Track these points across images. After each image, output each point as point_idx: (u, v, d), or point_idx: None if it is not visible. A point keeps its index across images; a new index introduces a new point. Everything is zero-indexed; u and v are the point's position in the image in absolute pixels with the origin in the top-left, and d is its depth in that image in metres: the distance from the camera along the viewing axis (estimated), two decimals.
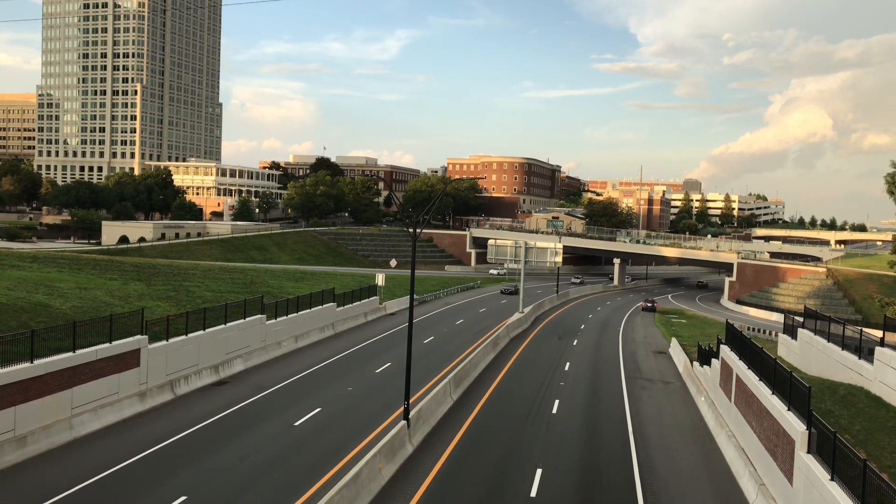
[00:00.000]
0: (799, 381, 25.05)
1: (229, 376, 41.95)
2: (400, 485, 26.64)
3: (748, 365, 32.87)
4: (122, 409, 33.07)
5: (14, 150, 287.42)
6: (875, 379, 31.51)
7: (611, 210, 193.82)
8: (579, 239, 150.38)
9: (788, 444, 24.46)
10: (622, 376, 49.65)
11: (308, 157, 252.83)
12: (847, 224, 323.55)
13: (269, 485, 26.01)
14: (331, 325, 59.62)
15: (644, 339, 70.18)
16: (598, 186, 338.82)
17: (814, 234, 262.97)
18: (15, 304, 39.31)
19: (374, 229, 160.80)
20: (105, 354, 32.78)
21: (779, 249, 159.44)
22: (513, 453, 31.08)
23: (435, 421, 34.74)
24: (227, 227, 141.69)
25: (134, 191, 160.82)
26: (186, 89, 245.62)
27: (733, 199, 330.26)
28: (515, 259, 78.97)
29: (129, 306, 44.81)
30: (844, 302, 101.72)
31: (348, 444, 30.75)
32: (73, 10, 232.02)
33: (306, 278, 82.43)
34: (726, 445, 33.07)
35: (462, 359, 50.15)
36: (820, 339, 39.16)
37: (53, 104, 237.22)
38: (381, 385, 42.04)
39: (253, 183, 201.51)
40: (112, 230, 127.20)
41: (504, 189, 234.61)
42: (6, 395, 27.20)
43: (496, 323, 70.46)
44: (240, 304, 47.10)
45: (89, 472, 26.00)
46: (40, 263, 57.75)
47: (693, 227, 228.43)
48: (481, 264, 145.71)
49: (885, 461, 23.76)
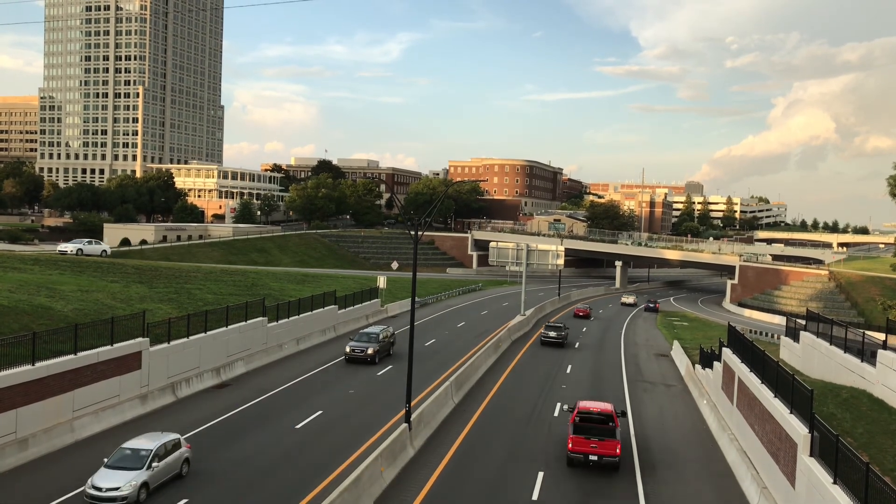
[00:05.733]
0: (801, 383, 24.99)
1: (231, 379, 41.92)
2: (401, 488, 26.59)
3: (750, 368, 32.80)
4: (124, 411, 33.04)
5: (16, 152, 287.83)
6: (878, 382, 31.44)
7: (612, 213, 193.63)
8: (581, 241, 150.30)
9: (791, 448, 24.39)
10: (624, 379, 49.56)
11: (310, 159, 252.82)
12: (849, 227, 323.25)
13: (270, 487, 25.98)
14: (332, 328, 59.58)
15: (646, 341, 70.08)
16: (599, 189, 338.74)
17: (816, 237, 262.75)
18: (16, 307, 39.31)
19: (375, 232, 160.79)
20: (106, 357, 32.77)
21: (781, 252, 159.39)
22: (514, 456, 31.01)
23: (436, 424, 34.69)
24: (229, 230, 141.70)
25: (135, 193, 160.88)
26: (188, 92, 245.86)
27: (735, 201, 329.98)
28: (517, 262, 78.94)
29: (131, 309, 44.81)
30: (847, 305, 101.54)
31: (350, 447, 30.70)
32: (76, 13, 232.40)
33: (308, 281, 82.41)
34: (728, 448, 32.99)
35: (463, 362, 50.10)
36: (822, 342, 39.10)
37: (55, 106, 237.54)
38: (382, 388, 41.98)
39: (254, 185, 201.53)
40: (114, 233, 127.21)
41: (506, 192, 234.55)
42: (8, 397, 27.20)
43: (498, 326, 70.38)
44: (241, 306, 47.08)
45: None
46: (42, 266, 57.76)
47: (695, 230, 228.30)
48: (483, 267, 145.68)
49: (887, 464, 23.69)
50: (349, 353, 48.07)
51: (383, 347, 49.82)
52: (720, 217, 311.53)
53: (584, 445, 29.84)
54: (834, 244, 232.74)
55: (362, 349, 48.24)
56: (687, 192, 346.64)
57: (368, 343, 48.83)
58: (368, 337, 49.58)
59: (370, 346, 48.53)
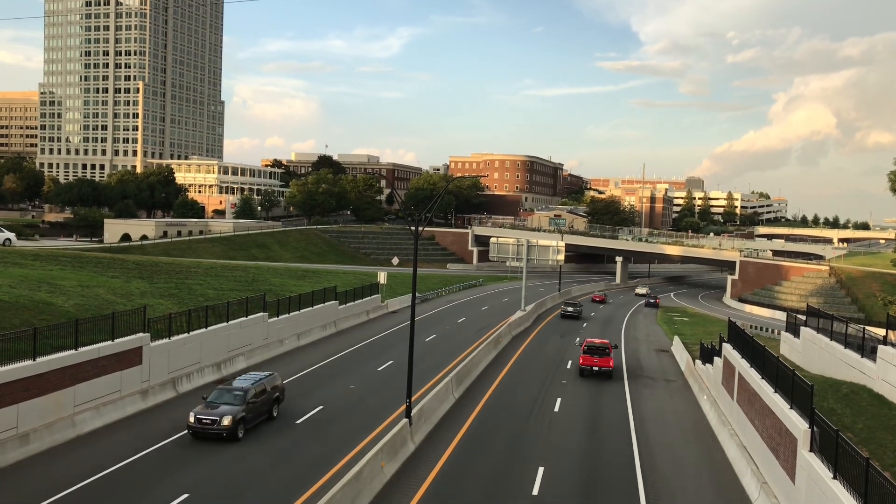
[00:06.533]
0: (801, 379, 25.00)
1: (231, 374, 41.96)
2: (402, 483, 26.64)
3: (750, 363, 32.82)
4: (125, 406, 33.09)
5: (16, 147, 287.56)
6: (878, 377, 31.46)
7: (613, 208, 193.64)
8: (581, 237, 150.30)
9: (791, 443, 24.42)
10: (624, 374, 49.60)
11: (310, 154, 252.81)
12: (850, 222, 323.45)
13: (271, 482, 26.04)
14: (333, 323, 59.64)
15: (646, 336, 70.11)
16: (600, 184, 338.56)
17: (816, 233, 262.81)
18: (17, 302, 39.35)
19: (376, 227, 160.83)
20: (107, 352, 32.82)
21: (781, 247, 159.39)
22: (515, 452, 31.06)
23: (437, 419, 34.74)
24: (230, 225, 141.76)
25: (136, 189, 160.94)
26: (188, 87, 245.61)
27: (736, 196, 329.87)
28: (517, 257, 78.92)
29: (132, 304, 44.84)
30: (847, 300, 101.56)
31: (350, 442, 30.76)
32: (75, 8, 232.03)
33: (308, 276, 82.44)
34: (728, 443, 33.03)
35: (464, 357, 50.13)
36: (822, 338, 39.10)
37: (55, 102, 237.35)
38: (382, 383, 42.04)
39: (255, 181, 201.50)
40: (114, 228, 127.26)
41: (506, 187, 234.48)
42: (9, 392, 27.24)
43: (498, 321, 70.41)
44: (242, 301, 47.12)
45: (92, 470, 26.03)
46: (42, 261, 57.78)
47: (695, 226, 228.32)
48: (483, 262, 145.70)
49: (887, 459, 23.71)
50: (192, 426, 29.80)
51: (254, 410, 31.54)
52: (721, 212, 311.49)
53: (589, 361, 46.64)
54: (834, 240, 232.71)
55: (213, 419, 29.66)
56: (687, 187, 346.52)
57: (228, 406, 30.40)
58: (231, 395, 31.19)
59: (228, 411, 29.99)
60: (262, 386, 32.89)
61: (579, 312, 79.84)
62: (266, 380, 33.55)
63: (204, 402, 31.31)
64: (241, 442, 30.14)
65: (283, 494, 24.94)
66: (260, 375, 33.91)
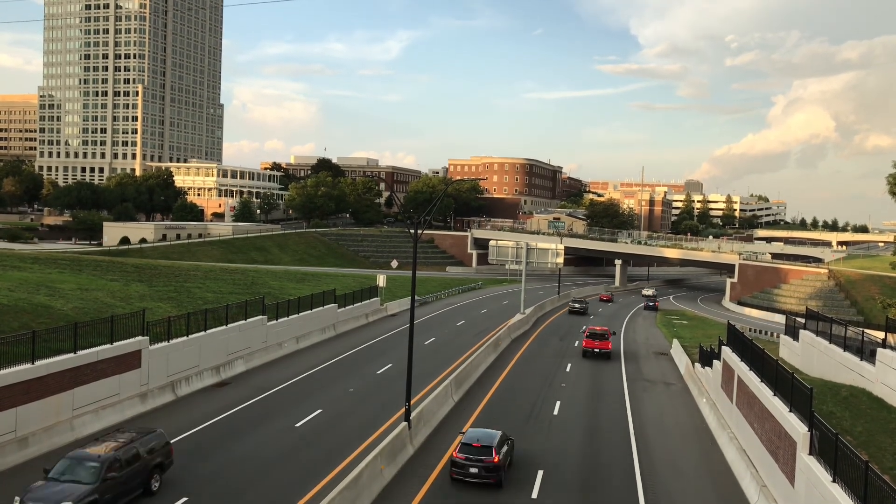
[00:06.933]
0: (801, 382, 25.00)
1: (230, 377, 41.93)
2: (401, 486, 26.62)
3: (750, 366, 32.82)
4: (124, 409, 33.06)
5: (15, 151, 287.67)
6: (877, 380, 31.46)
7: (612, 211, 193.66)
8: (580, 240, 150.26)
9: (790, 446, 24.41)
10: (623, 377, 49.59)
11: (310, 157, 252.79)
12: (849, 225, 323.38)
13: (270, 486, 26.00)
14: (332, 327, 59.60)
15: (645, 340, 70.10)
16: (599, 187, 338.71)
17: (815, 236, 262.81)
18: (16, 306, 39.32)
19: (375, 230, 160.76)
20: (106, 355, 32.78)
21: (780, 250, 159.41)
22: (514, 455, 31.02)
23: (436, 422, 34.71)
24: (229, 229, 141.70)
25: (135, 192, 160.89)
26: (188, 90, 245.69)
27: (735, 200, 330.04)
28: (517, 260, 78.92)
29: (131, 307, 44.80)
30: (846, 303, 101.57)
31: (349, 446, 30.73)
32: (75, 11, 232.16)
33: (307, 279, 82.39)
34: (728, 447, 33.02)
35: (463, 360, 50.11)
36: (822, 341, 39.11)
37: (55, 105, 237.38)
38: (382, 386, 42.00)
39: (254, 184, 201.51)
40: (113, 231, 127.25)
41: (505, 190, 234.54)
42: (8, 396, 27.20)
43: (497, 324, 70.39)
44: (241, 305, 47.09)
45: None
46: (41, 264, 57.76)
47: (694, 228, 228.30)
48: (482, 265, 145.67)
49: (886, 463, 23.71)
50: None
51: (117, 488, 22.91)
52: (720, 215, 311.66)
53: (591, 344, 55.65)
54: (833, 243, 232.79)
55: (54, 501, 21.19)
56: (687, 190, 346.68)
57: (71, 487, 21.83)
58: (83, 469, 22.56)
59: (69, 496, 21.39)
60: (133, 450, 23.99)
61: (585, 309, 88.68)
62: (140, 441, 24.64)
63: (44, 478, 22.43)
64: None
65: (280, 492, 24.83)
66: (134, 434, 25.25)
